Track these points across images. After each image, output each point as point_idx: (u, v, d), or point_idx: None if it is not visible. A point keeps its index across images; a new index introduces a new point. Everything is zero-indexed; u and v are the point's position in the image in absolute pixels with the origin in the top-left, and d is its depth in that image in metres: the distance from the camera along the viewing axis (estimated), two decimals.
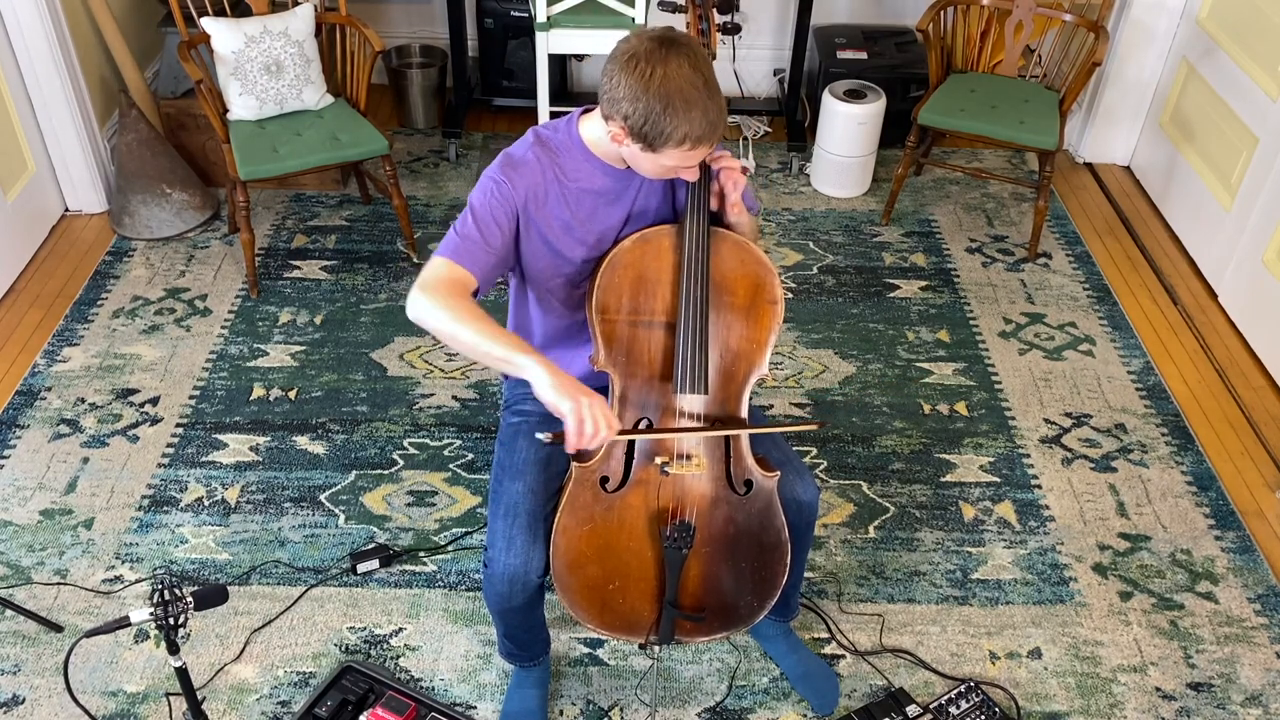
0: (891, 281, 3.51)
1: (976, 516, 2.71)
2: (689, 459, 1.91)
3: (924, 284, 3.51)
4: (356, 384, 3.04)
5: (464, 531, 2.63)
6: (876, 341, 3.26)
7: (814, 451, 2.88)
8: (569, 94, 4.33)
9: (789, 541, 2.00)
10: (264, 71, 3.24)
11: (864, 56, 4.07)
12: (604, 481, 1.92)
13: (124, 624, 1.69)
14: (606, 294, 1.90)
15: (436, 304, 1.77)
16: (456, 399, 3.00)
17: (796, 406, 3.02)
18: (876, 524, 2.68)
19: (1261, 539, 2.67)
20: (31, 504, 2.65)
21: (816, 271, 3.55)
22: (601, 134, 1.82)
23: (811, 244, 3.68)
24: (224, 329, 3.22)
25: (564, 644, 2.37)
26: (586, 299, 1.92)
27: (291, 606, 2.44)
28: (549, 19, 3.37)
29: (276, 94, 3.28)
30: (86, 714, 2.08)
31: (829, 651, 2.39)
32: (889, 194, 3.77)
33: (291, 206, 3.77)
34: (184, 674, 1.81)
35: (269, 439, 2.85)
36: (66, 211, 3.69)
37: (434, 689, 2.29)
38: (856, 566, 2.57)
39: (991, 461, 2.86)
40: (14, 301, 3.30)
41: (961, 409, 3.03)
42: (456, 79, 4.17)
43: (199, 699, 1.91)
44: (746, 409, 1.96)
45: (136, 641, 2.35)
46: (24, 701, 2.23)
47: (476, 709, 2.25)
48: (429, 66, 4.26)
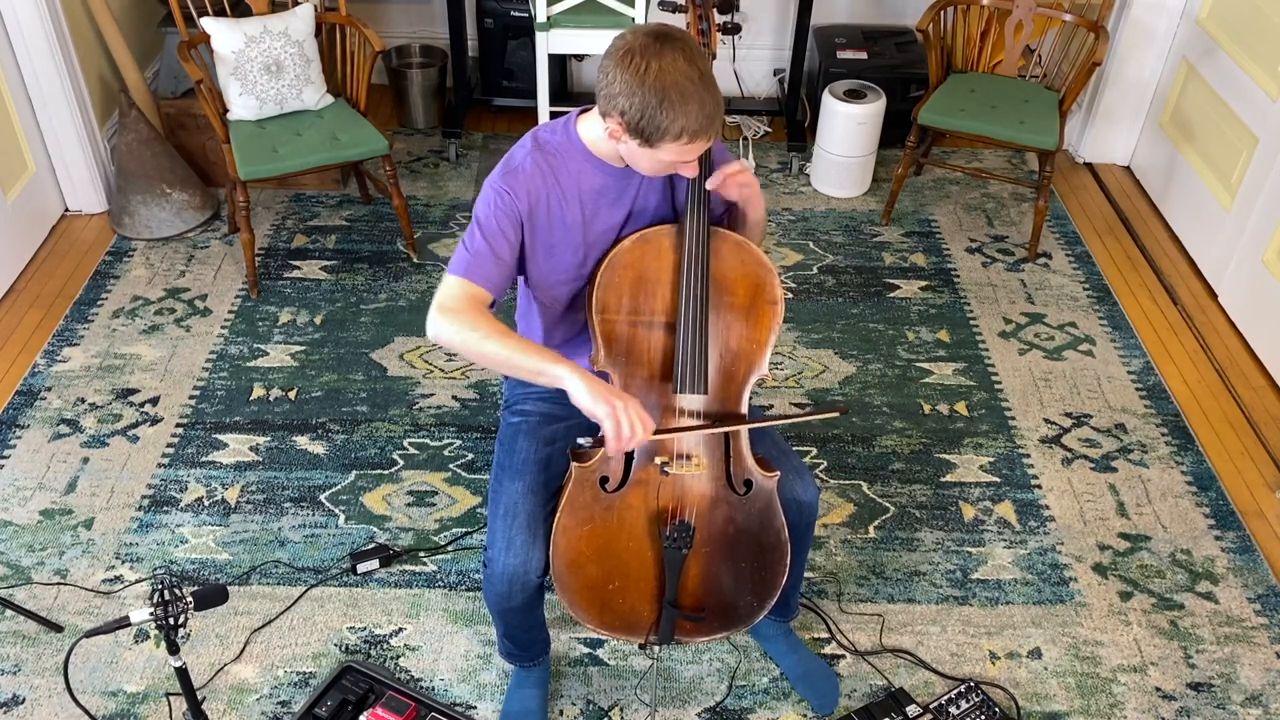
0: (891, 281, 3.51)
1: (976, 516, 2.71)
2: (689, 459, 1.91)
3: (924, 284, 3.50)
4: (356, 384, 3.04)
5: (464, 531, 2.63)
6: (876, 341, 3.26)
7: (814, 451, 2.88)
8: (569, 94, 4.33)
9: (789, 541, 2.00)
10: (264, 71, 3.24)
11: (864, 56, 4.07)
12: (604, 481, 1.92)
13: (124, 624, 1.70)
14: (606, 293, 1.90)
15: (461, 326, 1.78)
16: (456, 399, 3.00)
17: (796, 407, 3.02)
18: (876, 524, 2.68)
19: (1261, 539, 2.67)
20: (31, 504, 2.65)
21: (816, 271, 3.55)
22: (600, 133, 1.82)
23: (811, 244, 3.68)
24: (224, 329, 3.22)
25: (564, 644, 2.37)
26: (586, 299, 1.92)
27: (291, 606, 2.44)
28: (549, 19, 3.37)
29: (276, 94, 3.28)
30: (86, 714, 2.08)
31: (829, 651, 2.39)
32: (889, 194, 3.77)
33: (291, 206, 3.77)
34: (184, 674, 1.81)
35: (269, 439, 2.85)
36: (66, 211, 3.69)
37: (434, 689, 2.29)
38: (856, 566, 2.57)
39: (991, 461, 2.86)
40: (14, 301, 3.30)
41: (961, 409, 3.03)
42: (456, 79, 4.17)
43: (199, 699, 1.91)
44: (746, 409, 1.96)
45: (136, 641, 2.35)
46: (24, 701, 2.23)
47: (476, 709, 2.25)
48: (429, 66, 4.26)
